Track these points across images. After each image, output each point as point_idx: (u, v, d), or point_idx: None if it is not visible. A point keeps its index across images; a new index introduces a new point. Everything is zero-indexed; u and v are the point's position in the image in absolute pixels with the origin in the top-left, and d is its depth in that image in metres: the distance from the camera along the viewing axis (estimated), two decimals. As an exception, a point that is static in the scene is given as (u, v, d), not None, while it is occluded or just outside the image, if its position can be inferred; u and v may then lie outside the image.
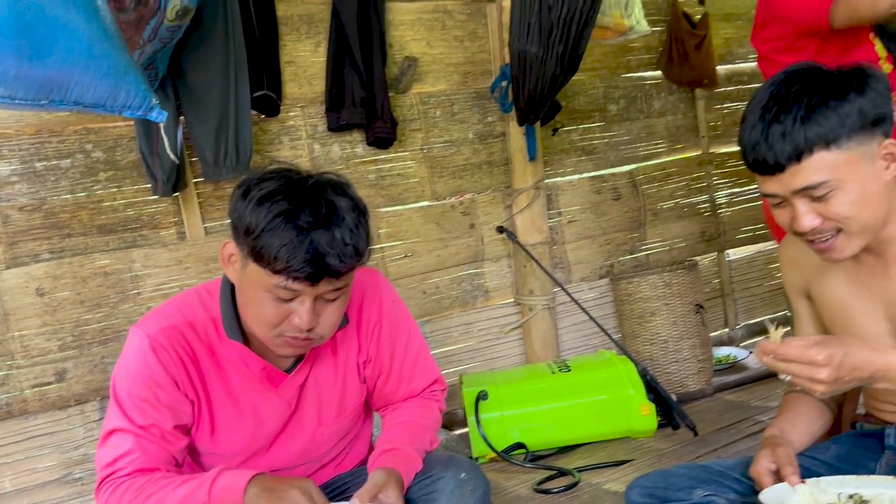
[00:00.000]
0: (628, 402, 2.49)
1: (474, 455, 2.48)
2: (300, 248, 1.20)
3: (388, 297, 1.59)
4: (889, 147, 1.23)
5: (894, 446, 1.38)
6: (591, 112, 3.35)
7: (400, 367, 1.59)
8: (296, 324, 1.28)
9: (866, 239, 1.27)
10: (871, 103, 1.20)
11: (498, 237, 3.10)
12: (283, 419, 1.50)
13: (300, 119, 2.71)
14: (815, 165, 1.20)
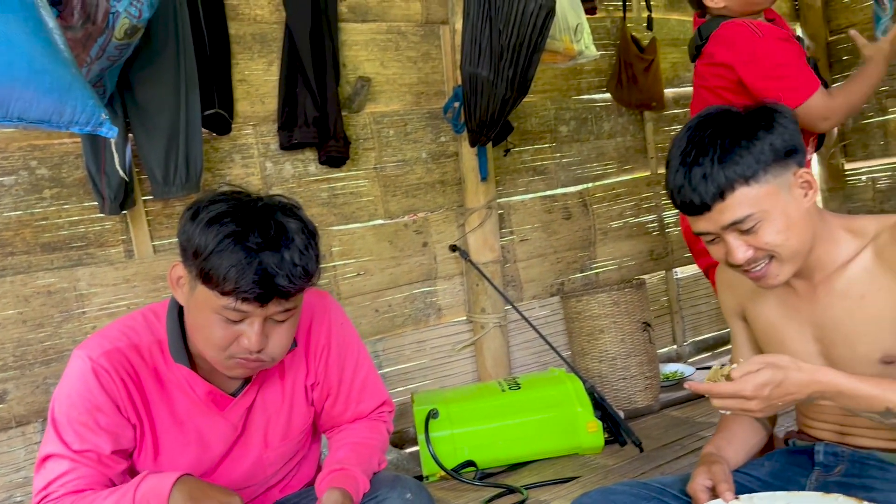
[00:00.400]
0: (576, 420, 2.53)
1: (424, 473, 2.49)
2: (249, 270, 1.21)
3: (337, 320, 1.59)
4: (804, 175, 1.30)
5: (823, 462, 1.44)
6: (543, 133, 3.41)
7: (348, 389, 1.60)
8: (245, 346, 1.29)
9: (797, 264, 1.33)
10: (780, 138, 1.27)
11: (451, 255, 3.13)
12: (229, 443, 1.49)
13: (252, 137, 2.71)
14: (739, 201, 1.26)
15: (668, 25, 3.79)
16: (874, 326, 1.32)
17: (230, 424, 1.48)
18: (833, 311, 1.37)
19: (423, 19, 3.05)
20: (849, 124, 4.40)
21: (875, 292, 1.31)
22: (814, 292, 1.39)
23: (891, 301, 1.30)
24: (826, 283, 1.37)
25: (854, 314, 1.34)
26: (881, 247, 1.32)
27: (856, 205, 4.44)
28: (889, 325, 1.31)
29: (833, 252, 1.36)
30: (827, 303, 1.37)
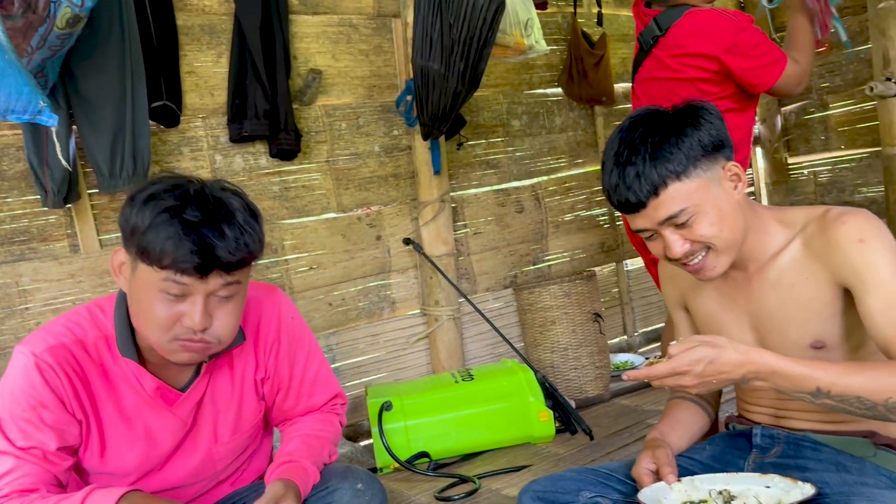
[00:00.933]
0: (528, 409, 2.57)
1: (378, 465, 2.50)
2: (186, 240, 1.21)
3: (287, 314, 1.59)
4: (732, 168, 1.35)
5: (760, 445, 1.49)
6: (495, 127, 3.44)
7: (300, 383, 1.60)
8: (188, 324, 1.27)
9: (732, 255, 1.38)
10: (707, 133, 1.33)
11: (404, 249, 3.14)
12: (178, 438, 1.48)
13: (201, 130, 2.68)
14: (672, 196, 1.31)
15: (618, 21, 3.85)
16: (804, 313, 1.37)
17: (179, 420, 1.46)
18: (766, 300, 1.42)
19: (375, 12, 3.05)
20: (791, 119, 4.53)
21: (804, 281, 1.37)
22: (749, 282, 1.44)
23: (818, 289, 1.36)
24: (759, 274, 1.42)
25: (785, 302, 1.39)
26: (809, 237, 1.37)
27: (798, 197, 4.58)
28: (817, 312, 1.36)
29: (765, 243, 1.41)
30: (761, 292, 1.43)
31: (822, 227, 1.35)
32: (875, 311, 1.27)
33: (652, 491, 1.38)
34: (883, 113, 2.33)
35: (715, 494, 1.36)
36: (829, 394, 1.21)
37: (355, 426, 2.95)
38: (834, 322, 1.36)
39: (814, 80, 4.39)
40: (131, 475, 1.46)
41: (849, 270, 1.30)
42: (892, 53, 2.27)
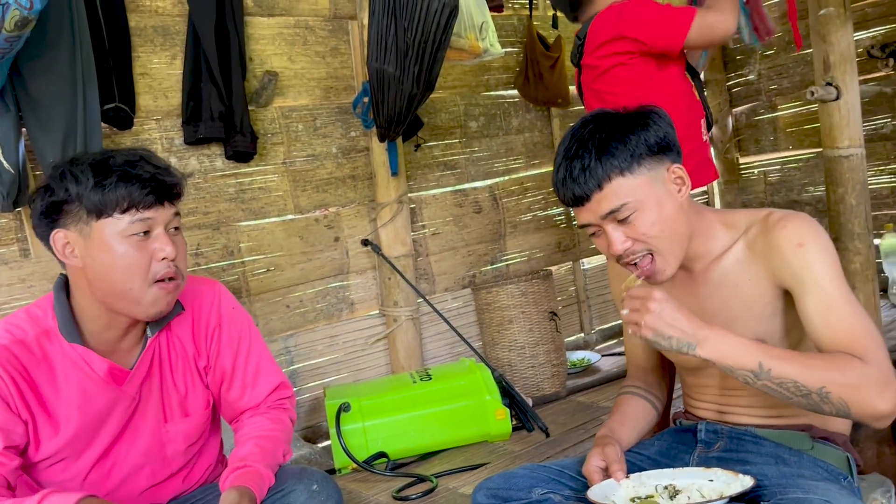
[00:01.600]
0: (485, 408, 2.60)
1: (336, 466, 2.51)
2: (134, 178, 1.35)
3: (228, 304, 1.65)
4: (677, 171, 1.40)
5: (705, 440, 1.55)
6: (453, 129, 3.47)
7: (243, 373, 1.63)
8: (161, 256, 1.38)
9: (678, 256, 1.42)
10: (654, 135, 1.38)
11: (363, 250, 3.15)
12: (128, 415, 1.52)
13: (156, 132, 2.66)
14: (615, 190, 1.35)
15: (573, 24, 3.89)
16: (746, 313, 1.43)
17: (129, 397, 1.51)
18: (711, 299, 1.47)
19: (332, 14, 3.05)
20: (742, 120, 4.65)
21: (747, 281, 1.42)
22: (694, 282, 1.49)
23: (760, 289, 1.41)
24: (704, 274, 1.47)
25: (729, 302, 1.45)
26: (752, 239, 1.42)
27: (749, 196, 4.70)
28: (759, 311, 1.42)
29: (710, 244, 1.46)
30: (706, 292, 1.48)
31: (765, 230, 1.40)
32: (812, 311, 1.32)
33: (601, 488, 1.43)
34: (823, 116, 2.41)
35: (661, 489, 1.41)
36: (769, 373, 1.25)
37: (314, 427, 2.96)
38: (774, 321, 1.42)
39: (763, 83, 4.52)
40: (85, 458, 1.48)
41: (788, 273, 1.36)
42: (832, 59, 2.35)
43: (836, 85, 2.34)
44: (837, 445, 1.46)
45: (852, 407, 1.23)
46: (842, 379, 1.23)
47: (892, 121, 4.00)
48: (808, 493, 1.24)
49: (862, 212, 2.39)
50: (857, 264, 2.39)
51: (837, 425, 1.47)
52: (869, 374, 1.23)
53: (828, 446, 1.46)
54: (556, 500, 1.53)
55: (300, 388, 2.97)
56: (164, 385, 1.56)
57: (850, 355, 1.26)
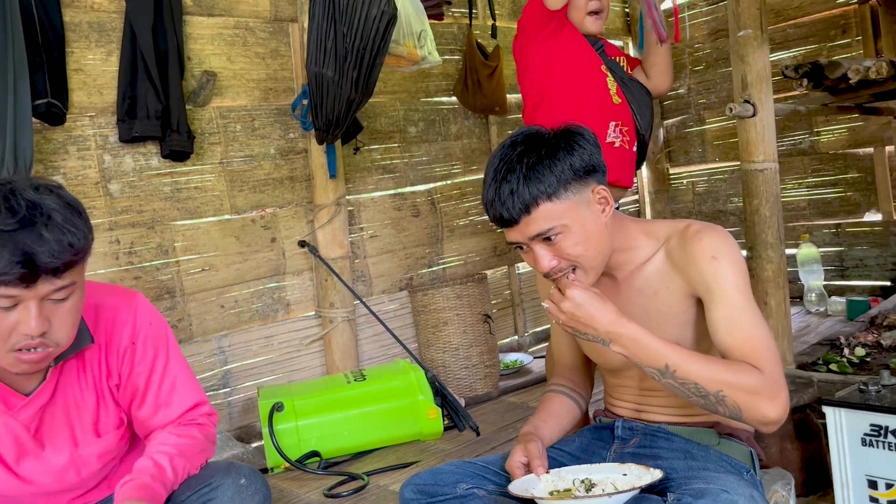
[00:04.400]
0: (418, 408, 2.66)
1: (269, 465, 2.53)
2: (4, 252, 1.17)
3: (144, 319, 1.55)
4: (600, 192, 1.47)
5: (621, 436, 1.63)
6: (392, 133, 3.51)
7: (156, 392, 1.55)
8: (24, 331, 1.24)
9: (598, 271, 1.50)
10: (580, 158, 1.44)
11: (300, 251, 3.17)
12: (22, 442, 1.44)
13: (89, 129, 2.63)
14: (542, 215, 1.41)
15: (511, 34, 3.97)
16: (664, 319, 1.51)
17: (21, 425, 1.42)
18: (631, 305, 1.56)
19: (272, 16, 3.07)
20: (672, 133, 4.83)
21: (665, 290, 1.51)
22: (617, 289, 1.58)
23: (676, 297, 1.50)
24: (627, 281, 1.56)
25: (648, 308, 1.53)
26: (671, 250, 1.51)
27: (678, 205, 4.89)
28: (674, 318, 1.51)
29: (632, 254, 1.55)
30: (627, 298, 1.56)
31: (683, 241, 1.49)
32: (718, 320, 1.42)
33: (522, 482, 1.50)
34: (741, 132, 2.54)
35: (578, 483, 1.49)
36: (674, 374, 1.34)
37: (247, 428, 2.96)
38: (688, 328, 1.51)
39: (692, 97, 4.71)
40: None
41: (701, 283, 1.45)
42: (749, 78, 2.48)
43: (753, 102, 2.47)
44: (741, 441, 1.57)
45: (744, 411, 1.34)
46: (738, 384, 1.33)
47: (810, 137, 4.23)
48: (710, 483, 1.33)
49: (775, 223, 2.53)
50: (769, 272, 2.53)
51: (742, 423, 1.57)
52: (762, 383, 1.34)
53: (733, 442, 1.56)
54: (479, 494, 1.59)
55: (234, 388, 2.97)
56: (70, 411, 1.47)
57: (748, 364, 1.36)
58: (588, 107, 2.24)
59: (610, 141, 2.22)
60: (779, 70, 2.81)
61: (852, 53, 3.93)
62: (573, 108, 2.24)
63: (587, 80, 2.27)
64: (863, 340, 2.88)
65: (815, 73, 2.66)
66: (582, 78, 2.27)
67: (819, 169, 4.23)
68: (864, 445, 1.66)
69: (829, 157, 4.19)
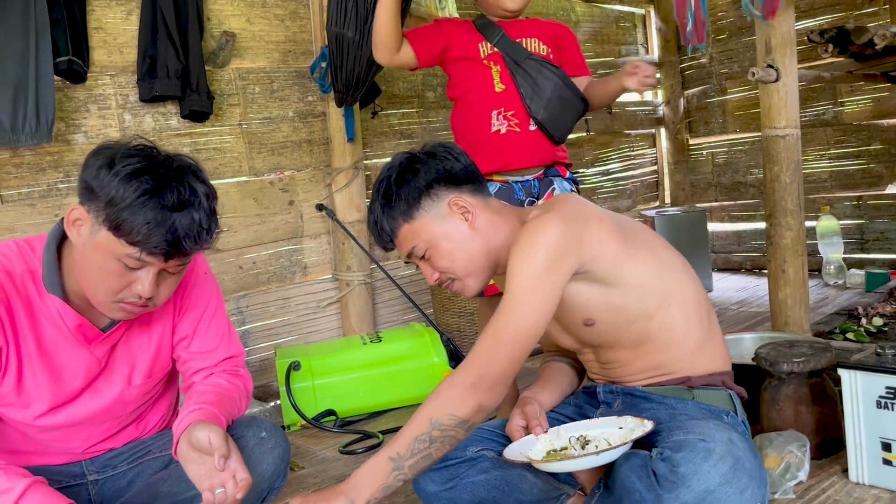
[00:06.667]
0: (432, 370, 2.68)
1: (286, 423, 2.57)
2: (162, 228, 1.28)
3: (202, 268, 1.66)
4: (457, 202, 1.51)
5: (604, 400, 1.65)
6: (410, 98, 3.50)
7: (203, 335, 1.64)
8: (137, 291, 1.35)
9: (478, 275, 1.54)
10: (423, 178, 1.49)
11: (317, 214, 3.18)
12: (91, 376, 1.53)
13: (110, 87, 2.64)
14: (405, 236, 1.50)
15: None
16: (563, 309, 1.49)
17: (94, 358, 1.52)
18: None
19: (292, -23, 3.05)
20: (693, 103, 4.78)
21: None
22: None
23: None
24: None
25: None
26: None
27: (697, 176, 4.85)
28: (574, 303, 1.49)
29: None
30: None
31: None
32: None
33: (519, 444, 1.54)
34: (763, 97, 2.51)
35: (574, 441, 1.52)
36: (401, 455, 1.34)
37: (264, 387, 3.00)
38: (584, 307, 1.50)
39: (714, 66, 4.65)
40: (41, 405, 1.49)
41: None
42: (773, 42, 2.44)
43: (776, 67, 2.44)
44: (717, 387, 1.57)
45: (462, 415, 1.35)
46: (432, 403, 1.37)
47: (833, 107, 4.17)
48: (688, 433, 1.35)
49: (795, 189, 2.50)
50: (788, 240, 2.51)
51: (712, 367, 1.57)
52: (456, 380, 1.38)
53: (708, 390, 1.56)
54: (488, 456, 1.63)
55: (252, 349, 3.01)
56: (133, 350, 1.57)
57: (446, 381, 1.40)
58: (472, 103, 2.22)
59: (495, 130, 2.17)
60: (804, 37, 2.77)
61: (879, 22, 3.85)
62: (460, 108, 2.28)
63: (470, 80, 2.22)
64: (881, 311, 2.86)
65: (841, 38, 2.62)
66: (466, 76, 2.24)
67: (842, 140, 4.18)
68: (878, 408, 1.66)
69: (853, 129, 4.13)
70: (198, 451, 1.39)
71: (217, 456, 1.37)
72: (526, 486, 1.53)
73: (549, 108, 2.17)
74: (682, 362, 1.53)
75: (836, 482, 1.75)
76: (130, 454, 1.67)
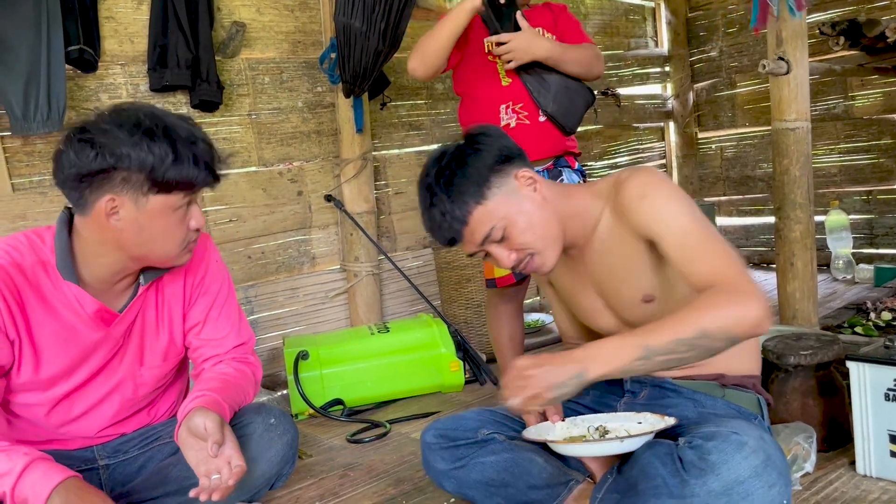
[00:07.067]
0: (440, 360, 2.69)
1: (294, 412, 2.58)
2: (199, 164, 1.40)
3: (214, 256, 1.70)
4: (524, 174, 1.49)
5: (630, 390, 1.65)
6: (419, 89, 3.50)
7: (214, 323, 1.68)
8: (194, 225, 1.48)
9: (556, 248, 1.51)
10: (489, 154, 1.46)
11: (326, 205, 3.19)
12: (109, 355, 1.57)
13: (120, 77, 2.65)
14: (479, 220, 1.45)
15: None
16: (626, 272, 1.51)
17: (113, 339, 1.56)
18: (598, 267, 1.57)
19: (301, -33, 3.05)
20: (702, 96, 4.76)
21: (618, 244, 1.51)
22: (583, 255, 1.59)
23: (630, 248, 1.49)
24: (588, 246, 1.57)
25: (611, 267, 1.54)
26: (612, 204, 1.51)
27: (706, 170, 4.84)
28: (635, 269, 1.50)
29: (584, 220, 1.55)
30: (593, 262, 1.57)
31: (616, 192, 1.49)
32: (672, 254, 1.39)
33: (537, 429, 1.54)
34: (774, 90, 2.50)
35: (592, 430, 1.52)
36: (653, 348, 1.28)
37: (272, 376, 3.02)
38: (654, 275, 1.49)
39: (724, 60, 4.63)
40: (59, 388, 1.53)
41: (643, 226, 1.43)
42: (784, 34, 2.43)
43: (787, 59, 2.43)
44: (748, 389, 1.57)
45: (734, 330, 1.28)
46: (710, 312, 1.28)
47: (844, 102, 4.15)
48: (720, 426, 1.34)
49: (804, 183, 2.50)
50: (797, 233, 2.51)
51: (745, 369, 1.57)
52: (728, 295, 1.29)
53: (739, 391, 1.56)
54: (500, 439, 1.63)
55: (260, 338, 3.02)
56: (147, 332, 1.61)
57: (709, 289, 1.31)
58: (479, 99, 2.23)
59: (504, 124, 2.18)
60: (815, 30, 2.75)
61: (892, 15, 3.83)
62: (467, 104, 2.29)
63: (476, 75, 2.22)
64: (889, 305, 2.86)
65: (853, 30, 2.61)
66: (471, 71, 2.24)
67: (852, 134, 4.16)
68: (886, 400, 1.66)
69: (863, 123, 4.11)
70: (196, 437, 1.41)
71: (210, 442, 1.40)
72: (535, 469, 1.54)
73: (558, 101, 2.18)
74: (719, 358, 1.47)
75: (844, 474, 1.75)
76: (141, 440, 1.69)
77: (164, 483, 1.62)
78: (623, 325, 1.59)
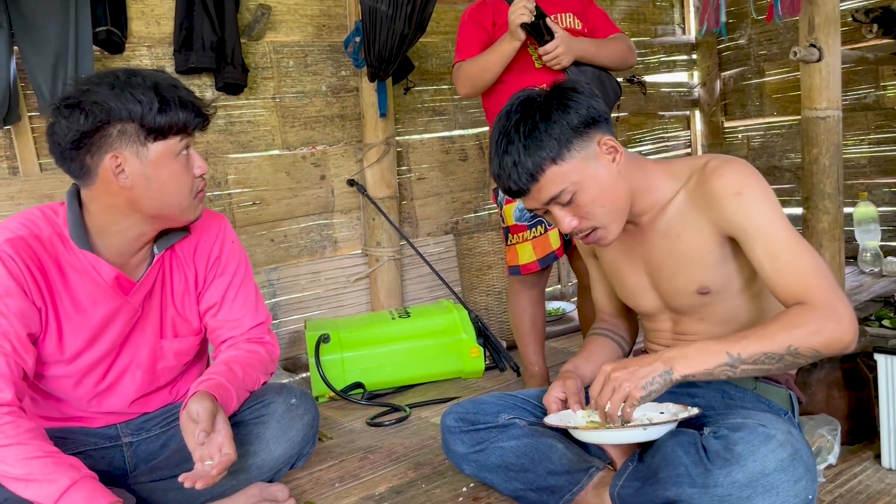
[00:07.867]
0: (460, 346, 2.69)
1: (315, 394, 2.60)
2: (185, 104, 1.43)
3: (230, 237, 1.71)
4: (607, 142, 1.43)
5: None
6: (443, 75, 3.48)
7: (231, 304, 1.69)
8: (198, 171, 1.49)
9: (620, 223, 1.47)
10: (576, 114, 1.40)
11: (348, 190, 3.19)
12: (130, 325, 1.58)
13: (147, 59, 2.67)
14: (550, 180, 1.39)
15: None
16: (689, 261, 1.48)
17: (132, 307, 1.57)
18: (657, 249, 1.53)
19: (327, -50, 3.04)
20: (729, 85, 4.69)
21: (688, 231, 1.47)
22: (642, 233, 1.55)
23: (701, 239, 1.46)
24: (651, 225, 1.52)
25: (673, 251, 1.50)
26: (691, 189, 1.46)
27: (732, 161, 4.77)
28: (701, 260, 1.47)
29: (654, 197, 1.50)
30: (652, 242, 1.53)
31: (702, 179, 1.43)
32: (761, 260, 1.37)
33: (558, 416, 1.53)
34: (805, 78, 2.45)
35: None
36: (741, 357, 1.29)
37: (293, 359, 3.04)
38: (717, 269, 1.46)
39: (752, 48, 4.55)
40: (84, 361, 1.54)
41: (730, 223, 1.40)
42: (816, 20, 2.39)
43: (819, 46, 2.38)
44: (780, 384, 1.55)
45: (822, 349, 1.29)
46: (802, 331, 1.28)
47: (875, 91, 4.07)
48: (747, 418, 1.33)
49: (834, 173, 2.45)
50: (825, 223, 2.47)
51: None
52: (820, 315, 1.29)
53: (770, 385, 1.54)
54: (520, 424, 1.63)
55: (281, 321, 3.04)
56: (164, 302, 1.63)
57: (799, 304, 1.31)
58: (512, 83, 2.22)
59: None
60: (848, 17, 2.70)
61: (927, 3, 3.74)
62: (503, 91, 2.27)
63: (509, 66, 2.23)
64: (918, 298, 2.80)
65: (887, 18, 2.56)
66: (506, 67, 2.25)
67: (883, 125, 4.07)
68: (915, 394, 1.64)
69: (894, 114, 4.02)
70: (193, 421, 1.42)
71: (198, 430, 1.41)
72: (556, 455, 1.53)
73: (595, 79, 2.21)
74: None
75: (868, 468, 1.73)
76: (163, 418, 1.71)
77: (185, 461, 1.63)
78: (665, 308, 1.57)
